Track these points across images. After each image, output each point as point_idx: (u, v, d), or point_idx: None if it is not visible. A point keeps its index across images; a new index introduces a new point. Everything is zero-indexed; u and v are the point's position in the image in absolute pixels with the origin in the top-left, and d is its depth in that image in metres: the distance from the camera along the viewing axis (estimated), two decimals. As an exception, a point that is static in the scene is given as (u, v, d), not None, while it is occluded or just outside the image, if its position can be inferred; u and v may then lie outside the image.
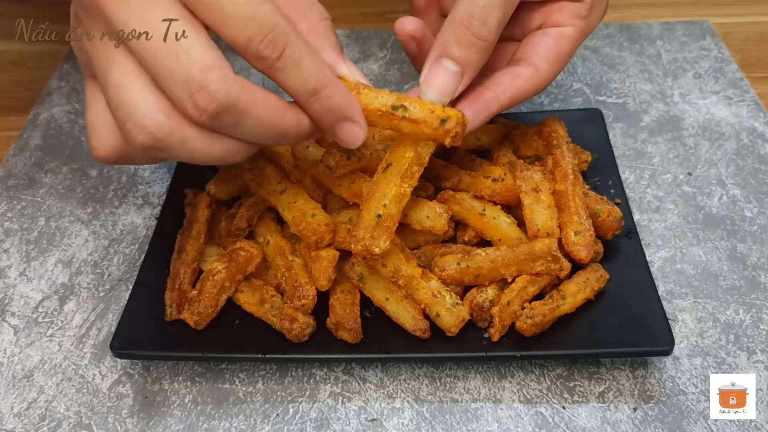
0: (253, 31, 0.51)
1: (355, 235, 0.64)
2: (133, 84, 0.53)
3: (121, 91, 0.53)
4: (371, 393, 0.68)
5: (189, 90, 0.51)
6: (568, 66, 1.04)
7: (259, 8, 0.51)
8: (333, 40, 0.62)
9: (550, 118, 0.81)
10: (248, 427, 0.67)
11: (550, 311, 0.66)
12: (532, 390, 0.67)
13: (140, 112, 0.53)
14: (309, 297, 0.69)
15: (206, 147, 0.55)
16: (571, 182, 0.72)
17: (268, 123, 0.54)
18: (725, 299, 0.73)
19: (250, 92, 0.53)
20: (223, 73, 0.51)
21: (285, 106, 0.55)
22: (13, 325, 0.77)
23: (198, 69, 0.51)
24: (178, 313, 0.70)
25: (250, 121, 0.53)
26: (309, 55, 0.54)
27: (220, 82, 0.51)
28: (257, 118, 0.53)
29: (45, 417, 0.68)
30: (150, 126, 0.53)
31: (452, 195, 0.74)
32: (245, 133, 0.55)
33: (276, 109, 0.54)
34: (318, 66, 0.55)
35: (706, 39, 1.08)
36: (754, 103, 0.96)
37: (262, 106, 0.53)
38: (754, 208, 0.82)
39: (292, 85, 0.55)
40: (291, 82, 0.54)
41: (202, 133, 0.54)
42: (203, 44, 0.51)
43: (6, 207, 0.90)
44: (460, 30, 0.64)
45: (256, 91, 0.53)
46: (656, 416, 0.65)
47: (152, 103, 0.53)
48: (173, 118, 0.53)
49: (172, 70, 0.51)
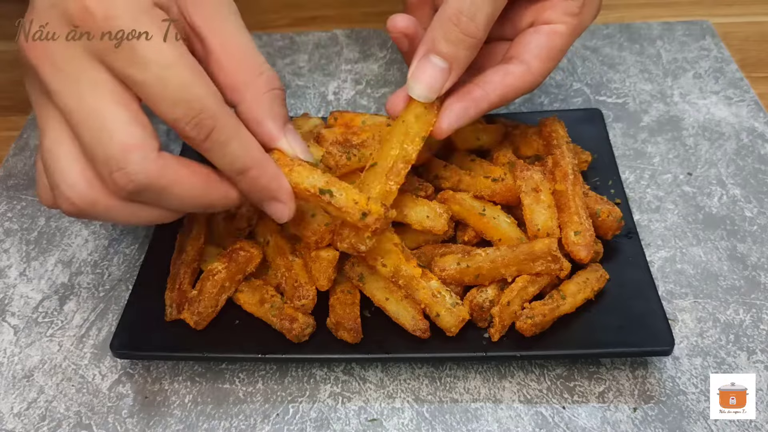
0: (180, 114, 0.52)
1: (341, 233, 0.65)
2: (62, 152, 0.54)
3: (50, 157, 0.55)
4: (371, 393, 0.68)
5: (109, 168, 0.52)
6: (568, 66, 1.04)
7: (187, 92, 0.52)
8: (277, 112, 0.62)
9: (550, 118, 0.81)
10: (248, 427, 0.67)
11: (550, 311, 0.66)
12: (532, 390, 0.67)
13: (65, 182, 0.54)
14: (309, 297, 0.69)
15: (129, 215, 0.57)
16: (571, 182, 0.72)
17: (190, 198, 0.56)
18: (725, 299, 0.73)
19: (171, 171, 0.54)
20: (144, 154, 0.52)
21: (210, 181, 0.56)
22: (13, 325, 0.77)
23: (118, 149, 0.51)
24: (178, 313, 0.70)
25: (172, 197, 0.55)
26: (236, 137, 0.55)
27: (139, 164, 0.52)
28: (179, 194, 0.55)
29: (45, 417, 0.68)
30: (73, 197, 0.54)
31: (452, 195, 0.74)
32: (168, 206, 0.56)
33: (200, 186, 0.56)
34: (245, 148, 0.56)
35: (706, 39, 1.08)
36: (754, 103, 0.96)
37: (184, 184, 0.55)
38: (754, 208, 0.82)
39: (219, 163, 0.56)
40: (218, 161, 0.56)
41: (125, 204, 0.55)
42: (128, 122, 0.52)
43: (6, 207, 0.90)
44: (448, 26, 0.64)
45: (179, 168, 0.54)
46: (656, 416, 0.65)
47: (77, 174, 0.54)
48: (96, 190, 0.54)
49: (95, 146, 0.52)
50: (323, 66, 1.09)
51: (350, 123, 0.80)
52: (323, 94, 1.05)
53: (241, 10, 0.63)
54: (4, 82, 1.10)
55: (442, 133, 0.67)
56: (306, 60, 1.11)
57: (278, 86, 0.62)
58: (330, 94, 1.04)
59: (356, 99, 1.03)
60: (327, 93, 1.05)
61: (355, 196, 0.61)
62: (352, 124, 0.80)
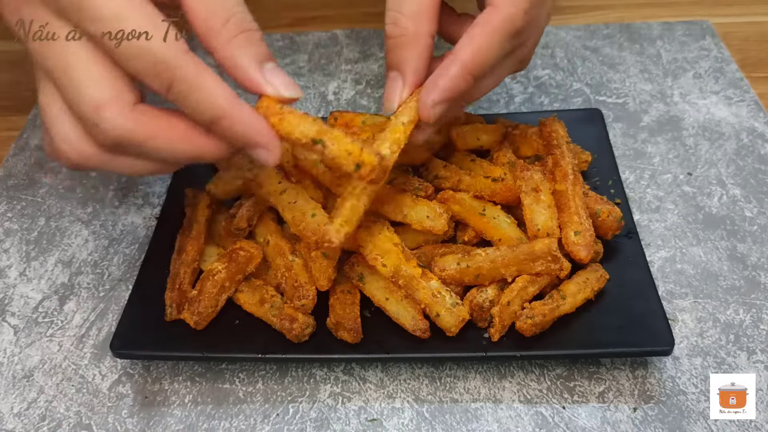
0: (138, 66, 0.52)
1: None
2: (54, 109, 0.55)
3: (45, 114, 0.56)
4: (371, 393, 0.68)
5: (87, 125, 0.53)
6: (568, 66, 1.04)
7: (141, 47, 0.51)
8: (253, 52, 0.58)
9: (550, 118, 0.81)
10: (248, 427, 0.67)
11: (550, 311, 0.66)
12: (532, 390, 0.67)
13: (59, 138, 0.55)
14: (309, 297, 0.69)
15: (127, 167, 0.57)
16: (571, 182, 0.72)
17: (171, 150, 0.55)
18: (725, 299, 0.73)
19: (147, 125, 0.53)
20: (116, 110, 0.52)
21: (192, 134, 0.55)
22: (13, 325, 0.77)
23: (90, 107, 0.52)
24: (178, 313, 0.70)
25: (152, 150, 0.55)
26: (198, 87, 0.53)
27: (111, 120, 0.52)
28: (158, 147, 0.54)
29: (45, 417, 0.68)
30: (68, 152, 0.56)
31: (452, 195, 0.74)
32: (154, 157, 0.56)
33: (180, 138, 0.55)
34: (210, 97, 0.54)
35: (706, 39, 1.08)
36: (754, 103, 0.96)
37: (162, 137, 0.54)
38: (754, 208, 0.82)
39: (191, 115, 0.55)
40: (188, 112, 0.55)
41: (117, 157, 0.56)
42: (98, 79, 0.52)
43: (6, 207, 0.90)
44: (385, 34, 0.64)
45: (156, 121, 0.54)
46: (656, 416, 0.65)
47: (69, 128, 0.55)
48: (88, 144, 0.55)
49: (72, 104, 0.53)
50: (323, 66, 1.09)
51: (350, 123, 0.80)
52: (323, 94, 1.05)
53: (241, 9, 0.62)
54: (4, 82, 1.10)
55: (425, 112, 0.63)
56: (306, 60, 1.11)
57: (250, 27, 0.58)
58: (330, 94, 1.04)
59: (356, 99, 1.03)
60: (327, 93, 1.05)
61: (348, 146, 0.58)
62: (352, 124, 0.80)
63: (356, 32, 1.15)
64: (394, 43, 0.64)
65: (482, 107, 0.99)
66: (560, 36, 1.10)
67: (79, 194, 0.91)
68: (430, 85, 0.62)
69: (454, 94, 0.62)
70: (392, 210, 0.71)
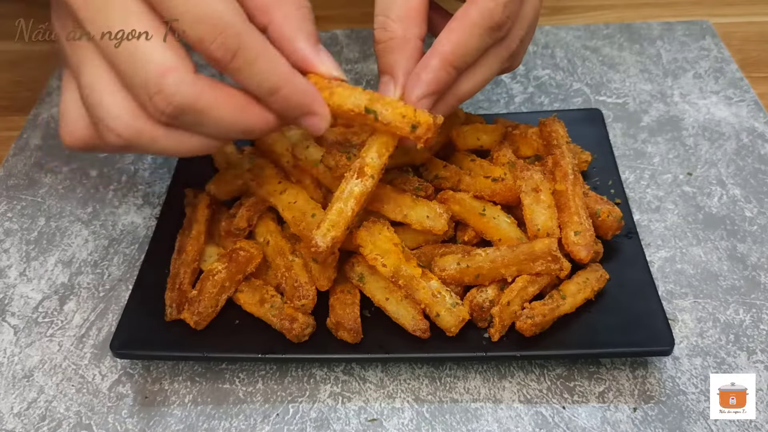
0: (204, 32, 0.51)
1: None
2: (102, 85, 0.54)
3: (92, 92, 0.54)
4: (371, 393, 0.68)
5: (148, 93, 0.52)
6: (568, 66, 1.04)
7: (210, 8, 0.51)
8: (309, 29, 0.59)
9: (550, 118, 0.80)
10: (248, 427, 0.67)
11: (550, 311, 0.66)
12: (532, 390, 0.67)
13: (109, 115, 0.54)
14: (309, 297, 0.69)
15: (176, 144, 0.56)
16: (571, 182, 0.72)
17: (228, 122, 0.55)
18: (725, 299, 0.73)
19: (209, 93, 0.53)
20: (180, 75, 0.51)
21: (247, 104, 0.55)
22: (13, 325, 0.77)
23: (155, 73, 0.51)
24: (178, 313, 0.70)
25: (211, 121, 0.54)
26: (264, 56, 0.53)
27: (176, 86, 0.51)
28: (217, 117, 0.54)
29: (45, 417, 0.68)
30: (119, 128, 0.54)
31: (452, 195, 0.74)
32: (209, 130, 0.55)
33: (238, 108, 0.55)
34: (274, 66, 0.54)
35: (706, 39, 1.08)
36: (754, 103, 0.96)
37: (222, 107, 0.54)
38: (754, 208, 0.82)
39: (248, 85, 0.55)
40: (247, 82, 0.54)
41: (169, 132, 0.55)
42: (161, 46, 0.51)
43: (6, 207, 0.90)
44: (375, 40, 0.65)
45: (216, 90, 0.53)
46: (656, 416, 0.65)
47: (120, 106, 0.54)
48: (140, 120, 0.54)
49: (131, 73, 0.52)
50: (323, 66, 1.09)
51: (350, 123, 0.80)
52: (323, 94, 1.04)
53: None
54: (4, 82, 1.10)
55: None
56: (306, 60, 1.11)
57: (307, 4, 0.59)
58: (330, 94, 1.04)
59: (356, 99, 1.03)
60: (327, 93, 1.04)
61: (401, 109, 0.59)
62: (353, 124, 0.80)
63: (356, 32, 1.15)
64: (384, 48, 0.64)
65: (482, 107, 0.99)
66: (560, 36, 1.10)
67: (79, 194, 0.91)
68: (414, 80, 0.63)
69: (438, 86, 0.63)
70: (392, 210, 0.71)
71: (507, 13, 0.62)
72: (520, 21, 0.66)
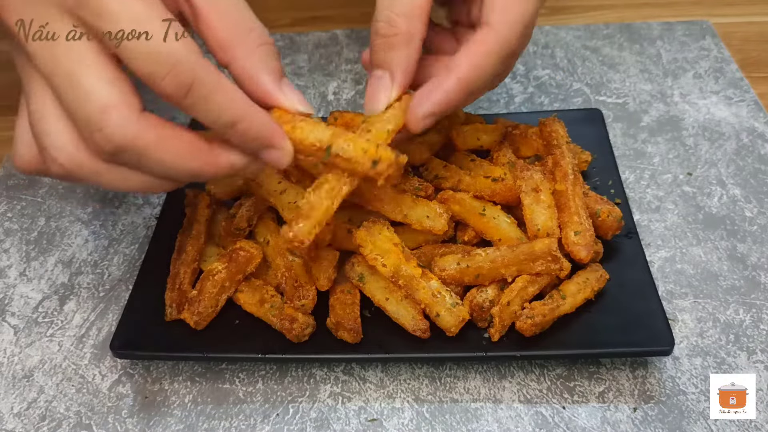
0: (155, 68, 0.50)
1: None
2: (48, 113, 0.53)
3: (39, 119, 0.53)
4: (371, 393, 0.68)
5: (89, 129, 0.50)
6: (568, 66, 1.04)
7: (161, 45, 0.49)
8: (272, 65, 0.58)
9: (550, 118, 0.80)
10: (248, 427, 0.67)
11: (550, 311, 0.66)
12: (532, 390, 0.67)
13: (53, 144, 0.53)
14: (309, 297, 0.69)
15: (120, 180, 0.55)
16: (571, 182, 0.72)
17: (171, 164, 0.53)
18: (725, 299, 0.73)
19: (151, 134, 0.51)
20: (123, 113, 0.50)
21: (197, 148, 0.53)
22: (13, 325, 0.77)
23: (96, 109, 0.50)
24: (178, 313, 0.70)
25: (153, 162, 0.52)
26: (219, 90, 0.52)
27: (117, 124, 0.50)
28: (159, 159, 0.52)
29: (45, 417, 0.68)
30: (61, 158, 0.53)
31: (452, 195, 0.74)
32: (152, 171, 0.54)
33: (183, 152, 0.53)
34: (230, 100, 0.53)
35: (706, 39, 1.08)
36: (754, 103, 0.96)
37: (165, 149, 0.52)
38: (754, 208, 0.82)
39: (205, 120, 0.53)
40: (203, 117, 0.53)
41: (112, 168, 0.54)
42: (105, 81, 0.50)
43: (6, 207, 0.90)
44: (373, 32, 0.63)
45: (161, 131, 0.52)
46: (656, 416, 0.65)
47: (64, 136, 0.53)
48: (83, 153, 0.53)
49: (73, 107, 0.51)
50: (323, 66, 1.09)
51: (350, 123, 0.80)
52: (323, 94, 1.05)
53: (242, 9, 0.62)
54: (4, 82, 1.10)
55: (415, 123, 0.63)
56: (306, 60, 1.11)
57: (269, 41, 0.59)
58: (330, 94, 1.04)
59: (356, 99, 1.03)
60: (327, 93, 1.05)
61: (363, 144, 0.58)
62: (352, 124, 0.80)
63: (356, 32, 1.15)
64: (385, 42, 0.63)
65: (482, 107, 0.99)
66: (560, 36, 1.10)
67: (79, 194, 0.91)
68: (423, 97, 0.62)
69: (447, 107, 0.63)
70: (392, 210, 0.71)
71: (522, 41, 0.63)
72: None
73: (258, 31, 0.58)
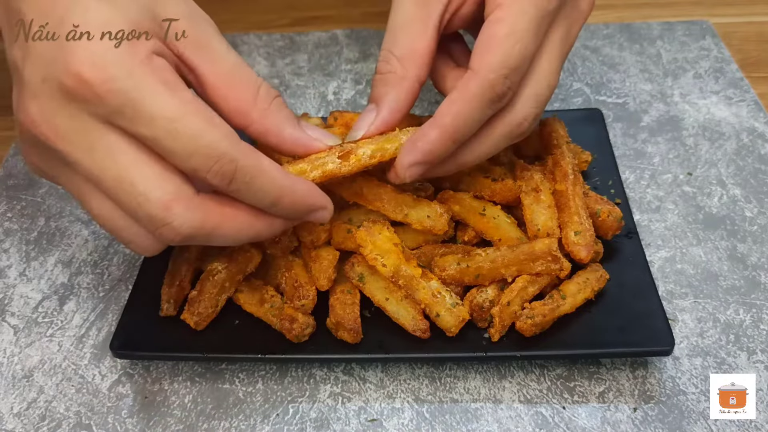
0: (197, 164, 0.51)
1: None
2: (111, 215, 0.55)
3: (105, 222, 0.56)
4: (371, 393, 0.68)
5: (154, 226, 0.53)
6: (568, 66, 1.04)
7: (200, 141, 0.51)
8: (287, 115, 0.61)
9: (550, 118, 0.81)
10: (248, 427, 0.67)
11: (550, 311, 0.66)
12: (532, 390, 0.67)
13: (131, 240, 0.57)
14: (309, 297, 0.69)
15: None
16: (571, 182, 0.72)
17: (236, 236, 0.57)
18: (725, 299, 0.73)
19: (215, 213, 0.54)
20: (184, 204, 0.52)
21: (253, 217, 0.57)
22: (13, 325, 0.77)
23: (158, 208, 0.52)
24: (174, 310, 0.70)
25: (220, 237, 0.56)
26: (260, 174, 0.54)
27: (182, 216, 0.52)
28: (226, 234, 0.56)
29: (45, 417, 0.68)
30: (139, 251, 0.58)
31: (452, 195, 0.74)
32: (218, 243, 0.57)
33: (244, 224, 0.56)
34: (272, 180, 0.55)
35: (706, 39, 1.08)
36: (754, 103, 0.96)
37: (229, 223, 0.55)
38: (754, 208, 0.82)
39: (250, 201, 0.56)
40: (249, 199, 0.56)
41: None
42: (156, 178, 0.52)
43: (6, 207, 0.90)
44: (376, 70, 0.66)
45: (222, 209, 0.55)
46: (656, 416, 0.65)
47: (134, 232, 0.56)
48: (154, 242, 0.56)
49: (133, 210, 0.52)
50: (323, 66, 1.09)
51: (350, 123, 0.80)
52: (323, 94, 1.05)
53: (241, 10, 0.63)
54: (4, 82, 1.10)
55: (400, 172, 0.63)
56: (306, 60, 1.11)
57: (275, 92, 0.61)
58: (330, 94, 1.04)
59: (356, 99, 1.03)
60: (327, 93, 1.05)
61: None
62: (352, 124, 0.80)
63: (356, 32, 1.15)
64: (380, 79, 0.66)
65: (482, 107, 0.99)
66: (560, 36, 1.10)
67: (79, 194, 0.91)
68: (409, 146, 0.63)
69: (431, 158, 0.63)
70: (392, 210, 0.71)
71: (508, 84, 0.61)
72: (527, 91, 0.64)
73: (264, 87, 0.60)
